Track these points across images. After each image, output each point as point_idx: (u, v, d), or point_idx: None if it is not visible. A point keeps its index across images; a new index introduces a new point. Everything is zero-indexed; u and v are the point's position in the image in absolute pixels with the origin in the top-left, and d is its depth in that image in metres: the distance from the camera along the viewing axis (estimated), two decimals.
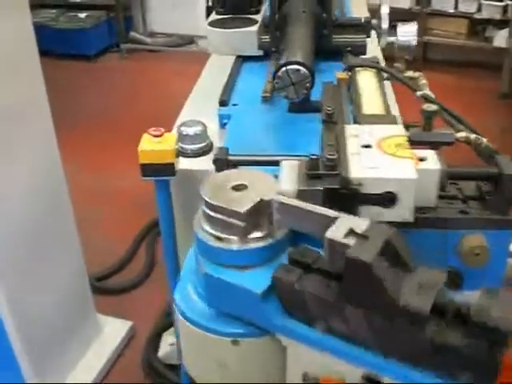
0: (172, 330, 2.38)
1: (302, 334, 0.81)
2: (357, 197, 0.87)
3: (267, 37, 1.90)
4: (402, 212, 0.88)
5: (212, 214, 0.85)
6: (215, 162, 1.24)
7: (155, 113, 4.88)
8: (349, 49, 1.91)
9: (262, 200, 0.84)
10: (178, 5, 6.35)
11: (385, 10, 1.93)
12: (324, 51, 1.77)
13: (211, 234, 0.86)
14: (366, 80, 1.30)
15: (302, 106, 1.55)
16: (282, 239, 0.86)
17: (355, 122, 1.11)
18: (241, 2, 2.05)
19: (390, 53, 1.53)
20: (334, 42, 1.83)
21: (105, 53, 6.13)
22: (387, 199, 0.87)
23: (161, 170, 1.52)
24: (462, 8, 5.31)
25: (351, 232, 0.72)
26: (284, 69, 1.32)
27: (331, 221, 0.75)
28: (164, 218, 1.66)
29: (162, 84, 5.54)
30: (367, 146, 0.95)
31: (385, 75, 1.37)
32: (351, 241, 0.71)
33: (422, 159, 0.90)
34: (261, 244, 0.85)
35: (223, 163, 1.24)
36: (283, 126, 1.52)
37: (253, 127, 1.53)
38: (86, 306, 2.37)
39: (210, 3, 2.60)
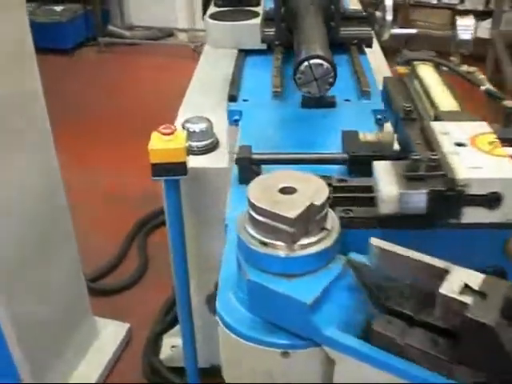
0: (173, 331, 2.33)
1: (352, 347, 0.76)
2: (462, 198, 0.84)
3: (271, 29, 1.85)
4: (507, 212, 0.85)
5: (259, 217, 0.80)
6: (238, 160, 1.20)
7: (139, 108, 4.81)
8: (355, 42, 1.88)
9: (312, 204, 0.79)
10: None
11: (389, 2, 1.90)
12: (331, 44, 1.73)
13: (256, 239, 0.81)
14: (429, 75, 1.26)
15: (316, 101, 1.51)
16: (332, 247, 0.82)
17: (435, 119, 1.06)
18: None
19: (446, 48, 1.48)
20: (341, 34, 1.80)
21: (82, 47, 6.01)
22: (492, 200, 0.84)
23: (172, 170, 1.47)
24: None
25: (466, 287, 0.69)
26: (306, 63, 1.27)
27: (440, 272, 0.73)
28: (173, 218, 1.61)
29: (142, 78, 5.45)
30: (461, 145, 0.91)
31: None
32: (469, 299, 0.68)
33: None
34: (310, 251, 0.80)
35: (247, 162, 1.19)
36: (299, 123, 1.48)
37: (267, 124, 1.48)
38: (83, 308, 2.30)
39: None
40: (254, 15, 1.91)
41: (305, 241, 0.80)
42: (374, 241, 0.80)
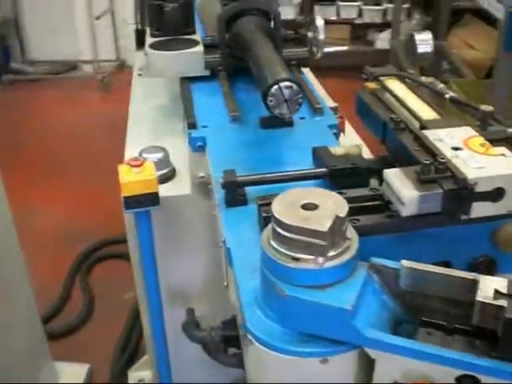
0: (138, 365, 2.30)
1: (394, 344, 0.82)
2: (472, 195, 0.93)
3: (213, 56, 1.89)
4: (508, 204, 0.95)
5: (289, 235, 0.84)
6: (225, 185, 1.23)
7: (56, 145, 4.71)
8: (294, 62, 1.96)
9: (337, 217, 0.85)
10: (57, 30, 6.16)
11: (320, 23, 1.98)
12: None
13: (287, 256, 0.85)
14: (399, 88, 1.34)
15: (274, 121, 1.57)
16: (356, 254, 0.88)
17: (422, 128, 1.14)
18: (177, 23, 2.01)
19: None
20: (284, 56, 1.86)
21: None
22: (496, 194, 0.93)
23: (145, 201, 1.48)
24: (344, 14, 5.57)
25: (497, 293, 0.78)
26: (276, 86, 1.32)
27: (468, 282, 0.82)
28: (146, 249, 1.61)
29: (49, 113, 5.33)
30: (457, 149, 1.01)
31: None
32: (504, 302, 0.77)
33: (502, 155, 0.97)
34: (340, 261, 0.85)
35: (234, 185, 1.23)
36: (263, 143, 1.53)
37: (234, 147, 1.52)
38: (42, 353, 2.23)
39: (140, 26, 2.55)
40: (194, 43, 1.94)
41: (333, 252, 0.85)
42: (405, 263, 0.87)
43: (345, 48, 2.11)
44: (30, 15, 6.14)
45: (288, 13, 5.41)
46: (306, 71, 2.20)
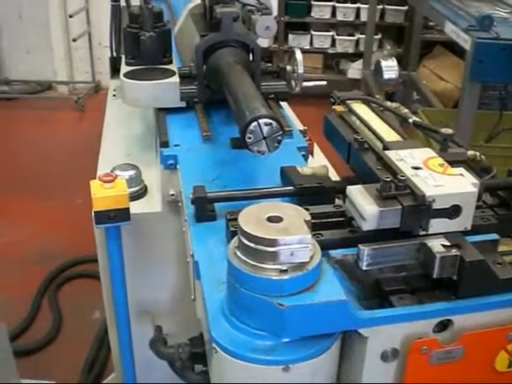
0: (105, 382, 2.30)
1: (386, 316, 0.93)
2: (430, 212, 0.98)
3: (189, 87, 1.88)
4: (464, 222, 1.00)
5: (273, 249, 0.88)
6: (195, 200, 1.26)
7: (27, 164, 4.69)
8: (272, 96, 1.96)
9: (306, 221, 0.92)
10: (33, 50, 6.18)
11: (299, 57, 1.99)
12: None
13: (274, 269, 0.89)
14: (365, 111, 1.39)
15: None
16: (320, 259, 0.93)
17: (385, 149, 1.19)
18: (153, 52, 1.98)
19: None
20: (262, 89, 1.84)
21: None
22: (453, 211, 0.98)
23: (116, 216, 1.50)
24: (317, 44, 5.67)
25: (445, 247, 0.95)
26: (255, 123, 1.29)
27: (420, 244, 0.98)
28: (115, 265, 1.63)
29: (24, 133, 5.31)
30: (417, 168, 1.06)
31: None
32: (456, 251, 0.94)
33: (460, 175, 1.03)
34: (317, 261, 0.92)
35: (203, 201, 1.26)
36: (233, 163, 1.57)
37: (204, 166, 1.55)
38: (9, 370, 2.21)
39: (115, 54, 2.56)
40: (170, 73, 1.90)
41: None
42: (364, 245, 0.96)
43: (323, 83, 2.12)
44: (7, 34, 6.15)
45: (262, 41, 5.48)
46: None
